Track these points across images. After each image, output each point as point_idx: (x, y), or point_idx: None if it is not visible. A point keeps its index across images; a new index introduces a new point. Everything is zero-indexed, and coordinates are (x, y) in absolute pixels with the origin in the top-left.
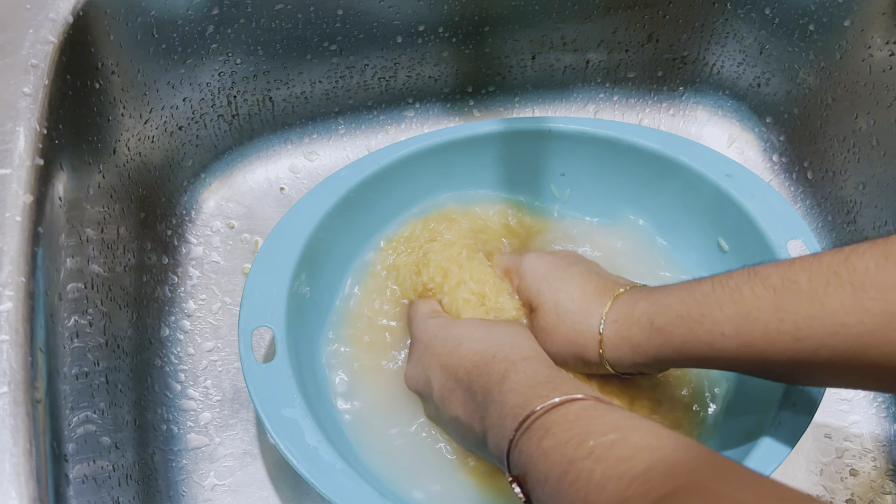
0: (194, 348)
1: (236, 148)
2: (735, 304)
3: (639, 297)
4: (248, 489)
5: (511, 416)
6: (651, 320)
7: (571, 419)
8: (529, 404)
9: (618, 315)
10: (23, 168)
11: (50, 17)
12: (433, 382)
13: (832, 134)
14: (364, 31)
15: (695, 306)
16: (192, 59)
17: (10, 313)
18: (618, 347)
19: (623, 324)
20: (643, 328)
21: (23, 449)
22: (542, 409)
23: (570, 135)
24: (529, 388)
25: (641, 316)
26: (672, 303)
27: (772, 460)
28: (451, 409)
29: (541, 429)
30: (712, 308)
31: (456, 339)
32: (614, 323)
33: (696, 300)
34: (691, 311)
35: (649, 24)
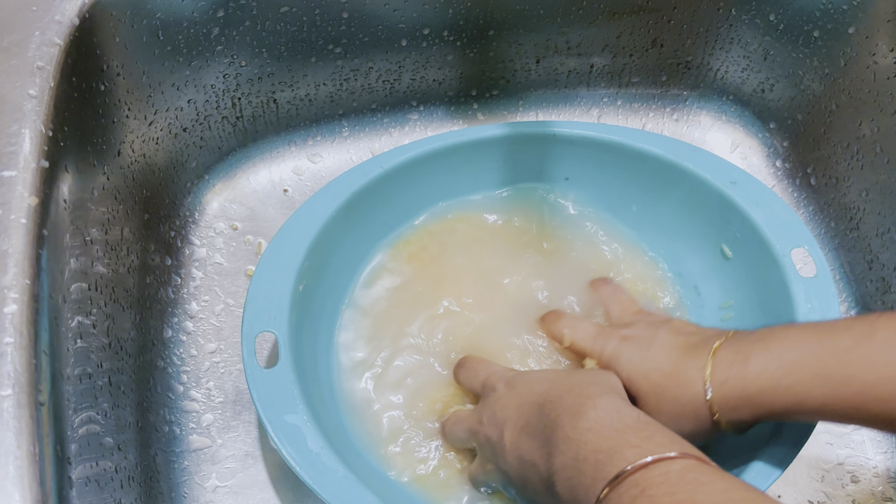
0: (197, 350)
1: (240, 150)
2: (891, 366)
3: (748, 352)
4: (249, 491)
5: (594, 463)
6: (776, 379)
7: (674, 480)
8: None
9: (727, 375)
10: (28, 170)
11: (56, 19)
12: (507, 424)
13: (836, 140)
14: (369, 34)
15: (836, 366)
16: (197, 61)
17: (15, 316)
18: (735, 409)
19: (736, 384)
20: (765, 387)
21: (26, 452)
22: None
23: (574, 139)
24: (616, 432)
25: (761, 374)
26: (802, 359)
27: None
28: (519, 448)
29: (635, 486)
30: (862, 370)
31: (538, 380)
32: (723, 384)
33: (836, 358)
34: (833, 371)
35: (653, 28)
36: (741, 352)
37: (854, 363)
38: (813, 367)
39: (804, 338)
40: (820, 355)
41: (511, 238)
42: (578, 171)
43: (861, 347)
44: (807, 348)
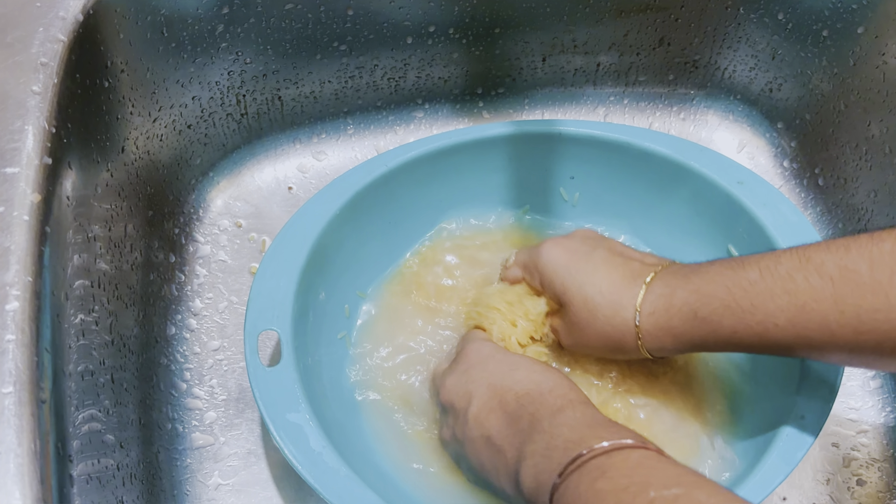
0: (200, 347)
1: (245, 147)
2: (789, 295)
3: (675, 285)
4: (252, 489)
5: (562, 450)
6: (694, 311)
7: (632, 465)
8: (586, 442)
9: (654, 306)
10: (31, 167)
11: (60, 15)
12: (474, 398)
13: (844, 140)
14: (374, 31)
15: (743, 296)
16: (201, 57)
17: (17, 313)
18: (658, 338)
19: (662, 315)
20: (685, 318)
21: (27, 449)
22: (601, 450)
23: (580, 138)
24: (588, 428)
25: (683, 306)
26: (716, 291)
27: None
28: (485, 427)
29: (596, 469)
30: (763, 298)
31: (513, 364)
32: (651, 315)
33: (744, 289)
34: (740, 301)
35: (661, 27)
36: (669, 285)
37: (758, 294)
38: (724, 298)
39: (721, 272)
40: (731, 287)
41: (515, 237)
42: (584, 170)
43: (766, 279)
44: (721, 281)
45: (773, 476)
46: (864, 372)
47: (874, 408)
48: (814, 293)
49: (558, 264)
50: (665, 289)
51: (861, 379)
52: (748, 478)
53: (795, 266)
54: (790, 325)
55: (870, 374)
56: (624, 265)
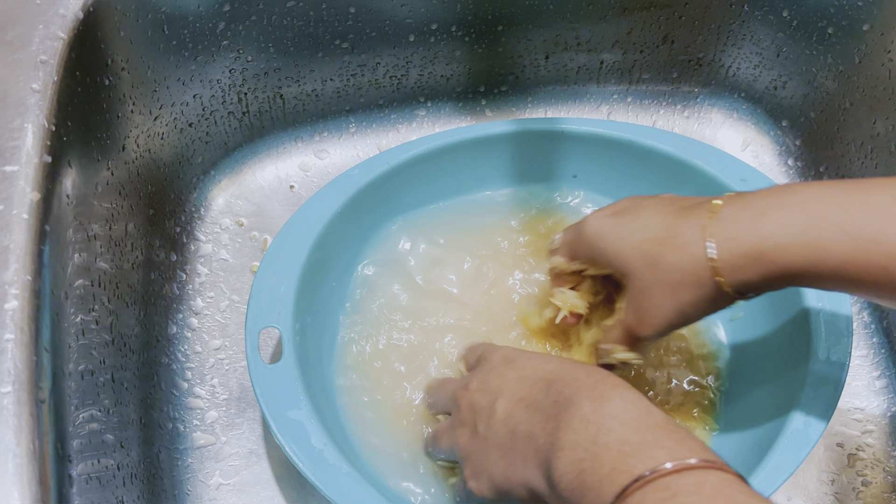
0: (201, 346)
1: (246, 145)
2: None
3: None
4: (253, 489)
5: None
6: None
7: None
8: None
9: (734, 231)
10: (30, 165)
11: (60, 12)
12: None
13: (849, 139)
14: (376, 29)
15: (869, 221)
16: (202, 55)
17: (16, 312)
18: (743, 269)
19: (747, 240)
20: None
21: (26, 449)
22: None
23: (583, 136)
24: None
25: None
26: (830, 214)
27: (783, 470)
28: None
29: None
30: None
31: (542, 359)
32: (731, 242)
33: (869, 214)
34: (863, 228)
35: (665, 25)
36: (751, 207)
37: (890, 221)
38: (841, 222)
39: (831, 193)
40: (850, 210)
41: (518, 236)
42: (587, 169)
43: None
44: (835, 203)
45: (777, 475)
46: (869, 371)
47: (879, 408)
48: None
49: (605, 231)
50: (746, 211)
51: (866, 378)
52: (752, 477)
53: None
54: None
55: (875, 374)
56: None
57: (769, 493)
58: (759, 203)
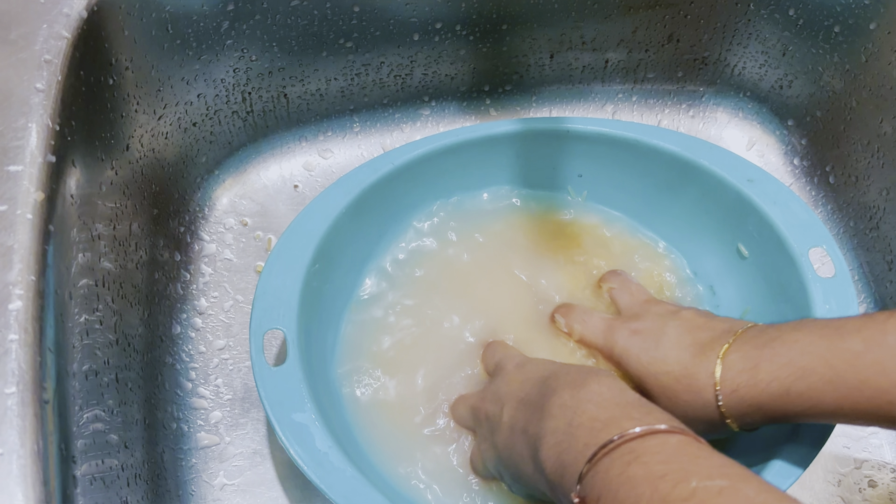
0: (206, 346)
1: (250, 145)
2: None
3: (757, 357)
4: (257, 489)
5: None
6: (786, 388)
7: (670, 451)
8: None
9: (736, 384)
10: (34, 165)
11: (64, 12)
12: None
13: (856, 138)
14: (380, 28)
15: (847, 370)
16: (206, 55)
17: (20, 312)
18: (747, 415)
19: (747, 393)
20: (776, 396)
21: (30, 450)
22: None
23: (588, 136)
24: (617, 406)
25: (772, 381)
26: (812, 365)
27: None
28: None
29: (630, 453)
30: (873, 373)
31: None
32: (734, 394)
33: (848, 362)
34: (843, 376)
35: (670, 23)
36: (750, 358)
37: (866, 368)
38: (824, 373)
39: (814, 341)
40: (831, 360)
41: (523, 235)
42: (592, 168)
43: (873, 351)
44: (817, 353)
45: (785, 477)
46: None
47: None
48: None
49: (630, 353)
50: (746, 363)
51: None
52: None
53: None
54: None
55: None
56: (694, 341)
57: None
58: (755, 354)
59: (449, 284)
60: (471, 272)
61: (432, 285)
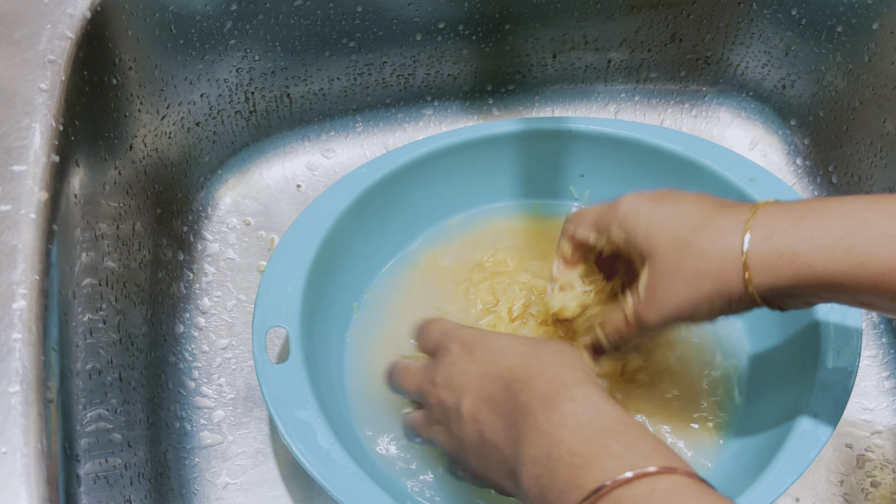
0: (209, 345)
1: (253, 144)
2: None
3: (803, 208)
4: (260, 488)
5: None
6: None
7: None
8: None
9: (771, 230)
10: (38, 165)
11: (68, 12)
12: (467, 392)
13: (859, 138)
14: (383, 28)
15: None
16: (210, 54)
17: (24, 312)
18: (774, 269)
19: (784, 239)
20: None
21: (34, 449)
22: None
23: (591, 135)
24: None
25: (817, 231)
26: (874, 219)
27: (792, 471)
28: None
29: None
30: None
31: (500, 349)
32: (768, 239)
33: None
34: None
35: (672, 23)
36: (794, 209)
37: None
38: (888, 226)
39: (878, 200)
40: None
41: (525, 235)
42: (594, 168)
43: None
44: (882, 209)
45: (786, 476)
46: (878, 372)
47: (888, 408)
48: None
49: (640, 210)
50: (789, 211)
51: (875, 379)
52: (760, 477)
53: None
54: None
55: (884, 374)
56: (719, 202)
57: (778, 494)
58: (801, 206)
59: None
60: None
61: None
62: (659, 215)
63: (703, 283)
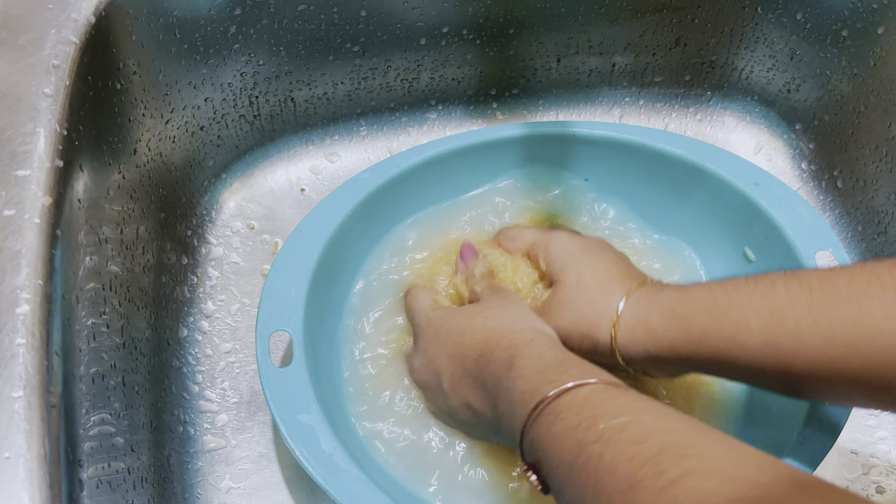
0: (212, 349)
1: (257, 148)
2: (766, 299)
3: (665, 287)
4: (263, 493)
5: (521, 403)
6: (673, 307)
7: (581, 403)
8: (539, 390)
9: (639, 298)
10: (42, 169)
11: (72, 17)
12: (442, 372)
13: (864, 142)
14: (387, 32)
15: (723, 297)
16: (214, 59)
17: (27, 316)
18: (633, 331)
19: (643, 307)
20: (663, 313)
21: (37, 454)
22: (553, 395)
23: (595, 140)
24: (537, 374)
25: (664, 302)
26: (699, 293)
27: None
28: (462, 396)
29: (551, 414)
30: (741, 300)
31: (459, 330)
32: (634, 305)
33: (726, 292)
34: (719, 301)
35: (677, 27)
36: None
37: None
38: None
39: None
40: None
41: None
42: (598, 172)
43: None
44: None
45: None
46: None
47: (894, 415)
48: (790, 299)
49: (567, 249)
50: (655, 289)
51: None
52: None
53: (780, 277)
54: (761, 330)
55: None
56: (624, 270)
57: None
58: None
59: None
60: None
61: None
62: (578, 256)
63: (582, 323)
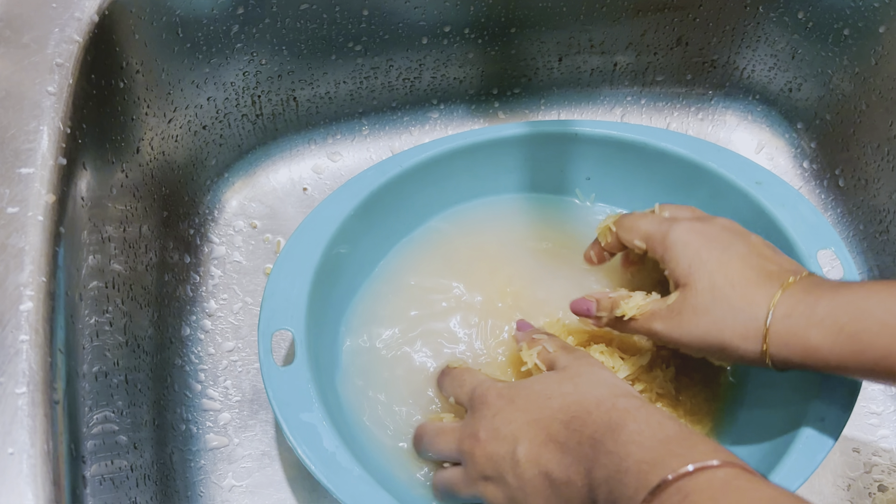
0: (215, 348)
1: (260, 147)
2: None
3: (820, 294)
4: (265, 491)
5: (636, 474)
6: (840, 325)
7: (717, 487)
8: (663, 463)
9: (791, 310)
10: (46, 167)
11: (75, 16)
12: (520, 439)
13: (866, 141)
14: (389, 31)
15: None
16: (216, 58)
17: (31, 313)
18: (788, 346)
19: (799, 321)
20: (827, 331)
21: (40, 450)
22: (684, 473)
23: (597, 138)
24: (660, 444)
25: (826, 317)
26: (874, 309)
27: (798, 475)
28: (542, 464)
29: (678, 493)
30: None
31: (544, 395)
32: (786, 318)
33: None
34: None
35: (679, 27)
36: (813, 293)
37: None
38: (884, 318)
39: (881, 290)
40: (892, 306)
41: (531, 238)
42: (601, 171)
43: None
44: (881, 299)
45: (792, 479)
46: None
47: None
48: None
49: (690, 245)
50: (808, 295)
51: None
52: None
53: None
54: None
55: None
56: (760, 265)
57: None
58: (818, 291)
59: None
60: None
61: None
62: (705, 256)
63: (724, 333)
